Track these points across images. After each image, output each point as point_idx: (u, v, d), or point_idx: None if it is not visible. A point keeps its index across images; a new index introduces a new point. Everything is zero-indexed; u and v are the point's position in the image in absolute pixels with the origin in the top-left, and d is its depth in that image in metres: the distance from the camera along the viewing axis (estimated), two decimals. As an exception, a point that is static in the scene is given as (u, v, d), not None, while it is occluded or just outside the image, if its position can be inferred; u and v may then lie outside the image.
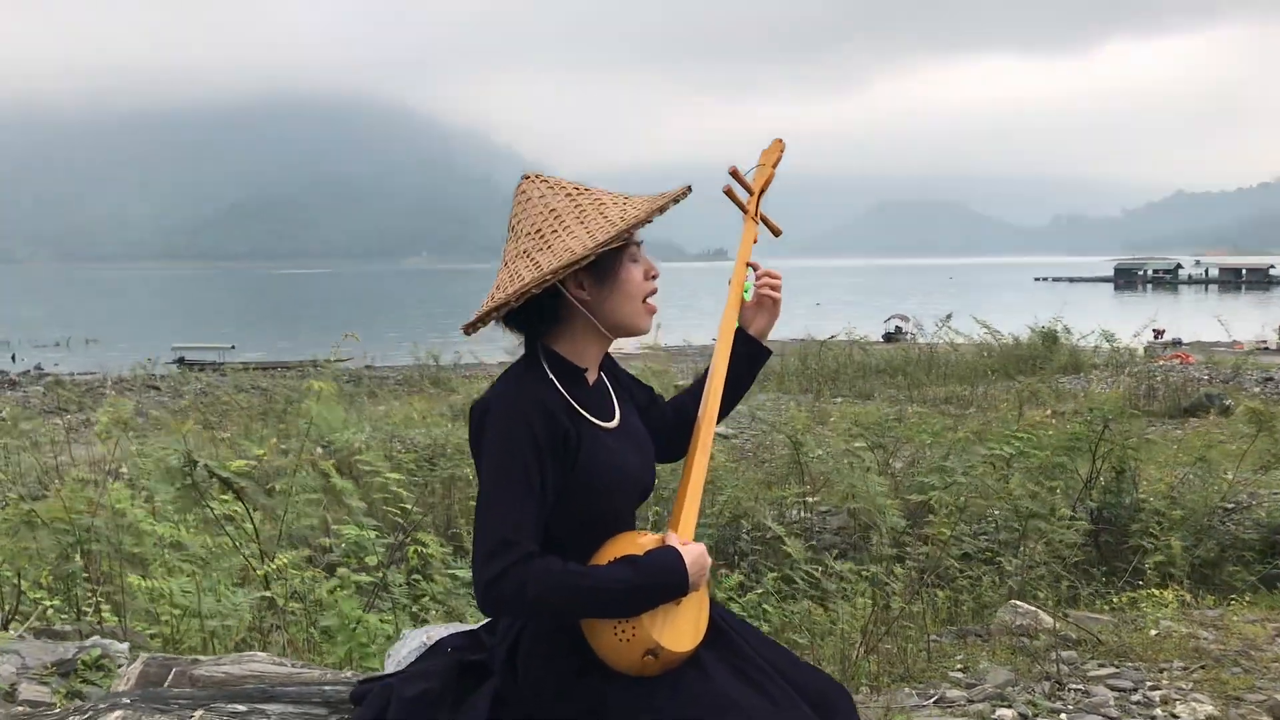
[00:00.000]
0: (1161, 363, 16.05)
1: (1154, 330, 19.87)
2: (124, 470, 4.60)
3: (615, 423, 2.01)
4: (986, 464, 4.97)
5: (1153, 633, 4.12)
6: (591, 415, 1.96)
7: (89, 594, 3.57)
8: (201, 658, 2.38)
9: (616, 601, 1.82)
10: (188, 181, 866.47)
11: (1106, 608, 4.69)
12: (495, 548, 1.80)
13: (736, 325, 2.21)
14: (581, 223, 1.89)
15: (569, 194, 1.95)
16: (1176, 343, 25.97)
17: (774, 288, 2.24)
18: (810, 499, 6.33)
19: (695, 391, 2.20)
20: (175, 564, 3.23)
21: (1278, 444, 6.54)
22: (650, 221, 1.94)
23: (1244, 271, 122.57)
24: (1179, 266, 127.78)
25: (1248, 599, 4.95)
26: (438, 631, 2.14)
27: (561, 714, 1.88)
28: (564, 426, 1.88)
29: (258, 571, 3.27)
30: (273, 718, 1.97)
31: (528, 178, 1.98)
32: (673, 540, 1.91)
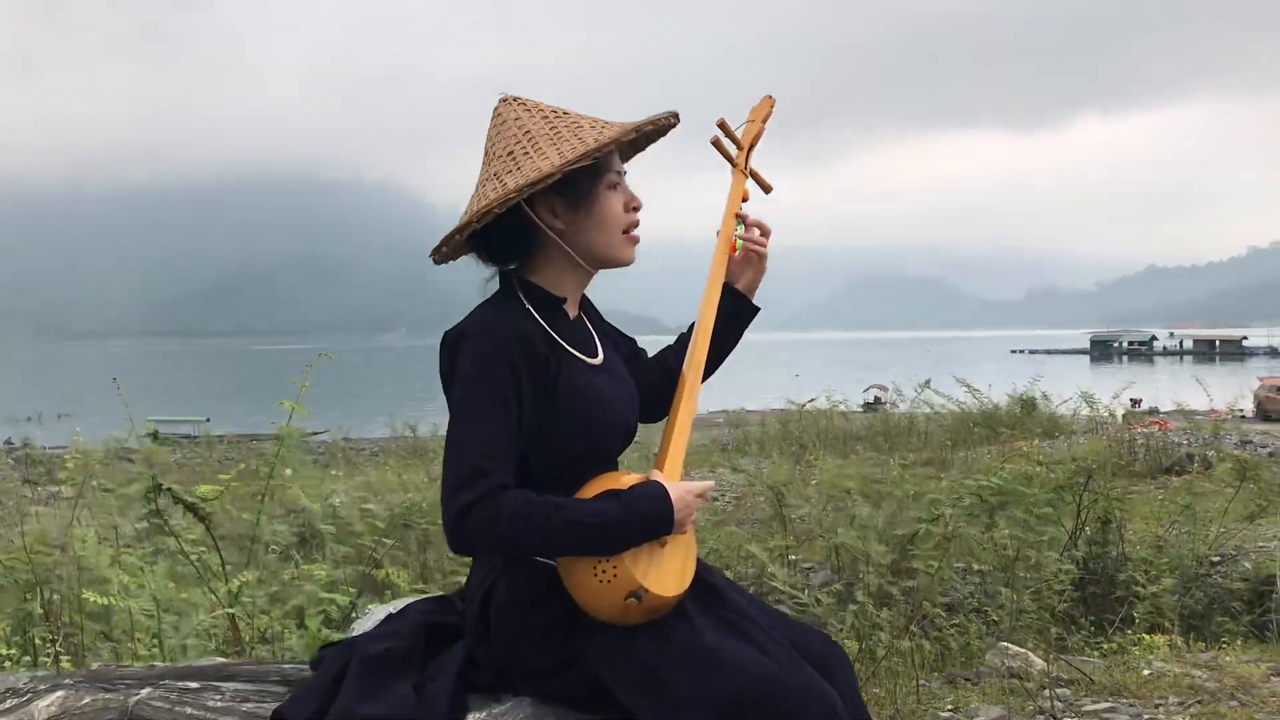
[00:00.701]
0: (1141, 429, 16.09)
1: (1131, 399, 19.95)
2: (87, 517, 4.49)
3: (599, 360, 1.89)
4: (974, 497, 4.89)
5: (1146, 672, 4.03)
6: (573, 349, 1.84)
7: (47, 642, 3.44)
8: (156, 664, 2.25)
9: (597, 536, 1.68)
10: (168, 259, 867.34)
11: (1096, 654, 4.60)
12: (466, 477, 1.66)
13: (724, 280, 2.14)
14: (554, 144, 1.78)
15: (545, 116, 1.84)
16: (1154, 410, 26.13)
17: (762, 241, 2.14)
18: (793, 556, 6.24)
19: (680, 349, 2.11)
20: (136, 598, 3.12)
21: (1262, 493, 6.51)
22: (626, 141, 1.84)
23: (1217, 343, 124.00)
24: (1154, 338, 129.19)
25: (1240, 644, 4.87)
26: (406, 603, 2.02)
27: (539, 666, 1.75)
28: (543, 354, 1.76)
29: (221, 590, 3.15)
30: (227, 694, 1.81)
31: (505, 100, 1.87)
32: (658, 478, 1.80)
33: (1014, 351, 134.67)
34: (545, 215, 1.81)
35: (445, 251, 1.87)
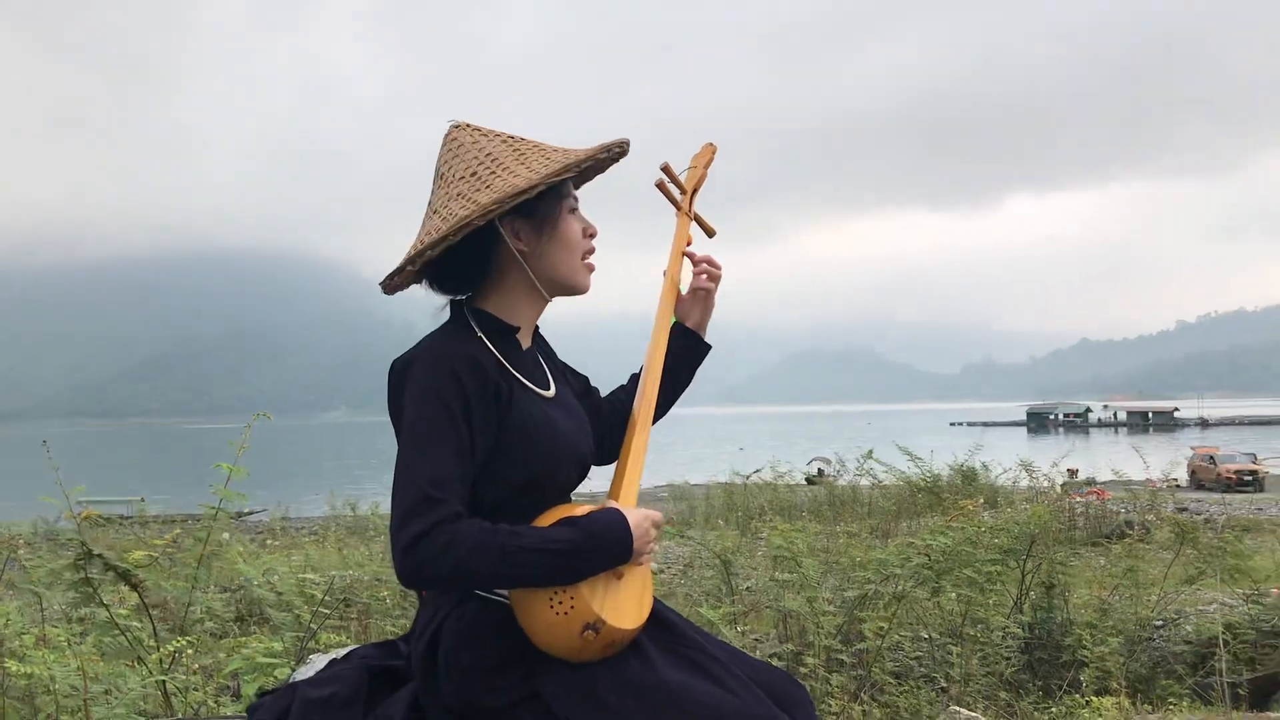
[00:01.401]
0: (1079, 498, 16.29)
1: (1068, 469, 20.23)
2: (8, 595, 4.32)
3: (551, 392, 1.86)
4: (921, 557, 4.89)
5: (1096, 733, 4.02)
6: (525, 379, 1.80)
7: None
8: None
9: (554, 565, 1.63)
10: (102, 337, 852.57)
11: (1045, 717, 4.58)
12: (415, 506, 1.60)
13: (674, 319, 2.13)
14: (523, 163, 1.77)
15: (505, 140, 1.82)
16: (1091, 480, 26.54)
17: (711, 276, 2.14)
18: (742, 627, 6.18)
19: (632, 388, 2.08)
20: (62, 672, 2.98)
21: (1201, 557, 6.58)
22: (593, 163, 1.84)
23: (1150, 414, 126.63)
24: (1089, 410, 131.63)
25: (1185, 705, 4.88)
26: (351, 649, 1.94)
27: (492, 706, 1.67)
28: (494, 381, 1.71)
29: (153, 658, 3.03)
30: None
31: (458, 126, 1.85)
32: (614, 505, 1.75)
33: (953, 424, 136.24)
34: (511, 238, 1.79)
35: (396, 281, 1.83)
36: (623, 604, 1.70)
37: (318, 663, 1.84)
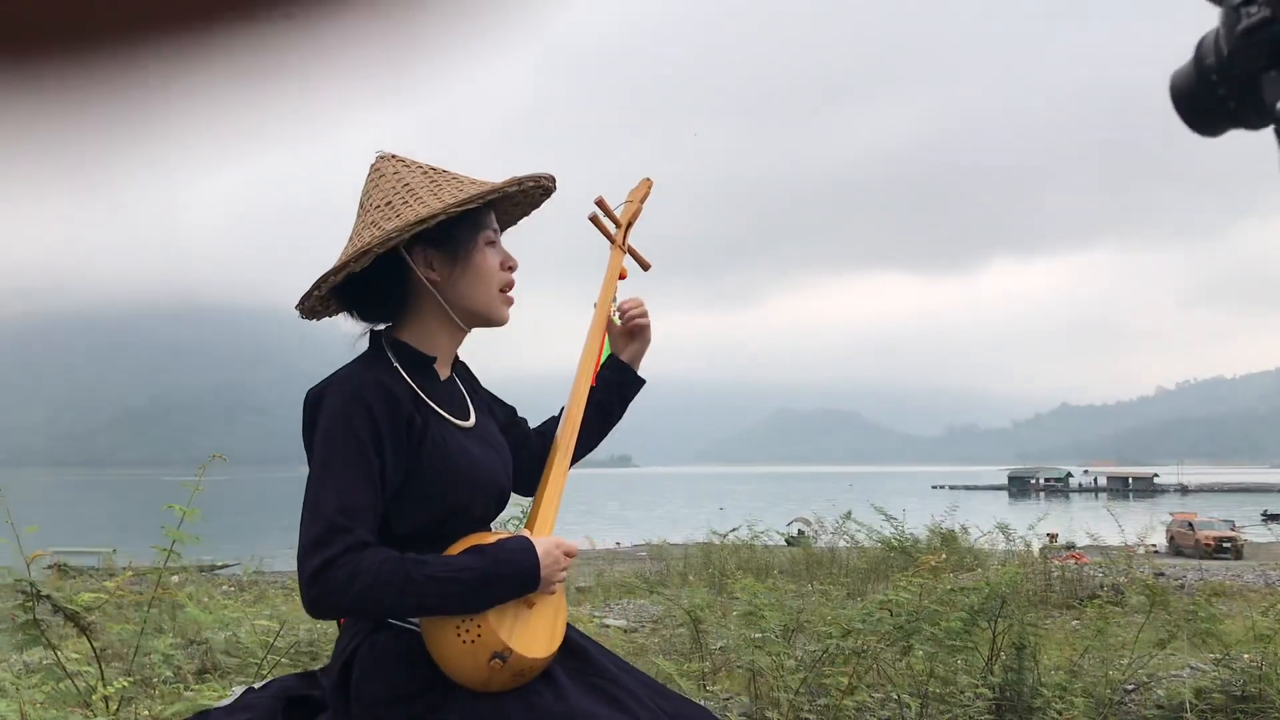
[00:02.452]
0: (1057, 561, 16.28)
1: (1048, 533, 20.25)
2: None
3: (470, 422, 1.85)
4: (884, 611, 4.86)
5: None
6: (441, 409, 1.79)
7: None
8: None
9: (459, 592, 1.61)
10: (82, 387, 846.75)
11: (1015, 783, 4.54)
12: (322, 535, 1.58)
13: (608, 351, 2.14)
14: (434, 194, 1.77)
15: (425, 171, 1.83)
16: (1070, 545, 26.58)
17: (640, 315, 2.15)
18: (712, 686, 6.12)
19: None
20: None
21: (1174, 621, 6.57)
22: (518, 197, 1.85)
23: (1130, 480, 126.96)
24: (1069, 475, 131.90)
25: (1154, 771, 4.85)
26: (270, 680, 1.91)
27: None
28: (407, 410, 1.70)
29: (97, 697, 2.97)
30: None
31: (382, 156, 1.86)
32: (524, 534, 1.74)
33: (935, 487, 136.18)
34: (422, 267, 1.79)
35: (312, 305, 1.84)
36: (533, 633, 1.69)
37: (237, 691, 1.82)
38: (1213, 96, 0.95)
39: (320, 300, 1.83)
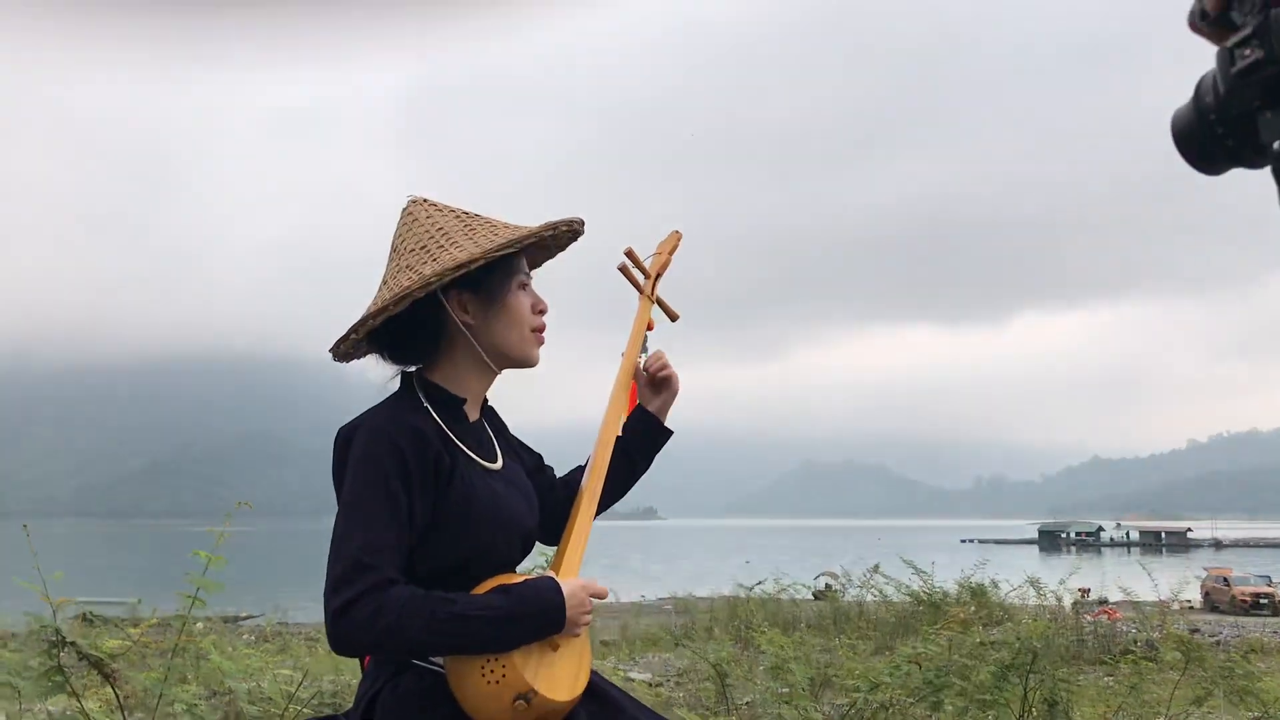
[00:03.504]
0: (1090, 617, 16.03)
1: (1079, 588, 19.96)
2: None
3: (498, 465, 1.85)
4: (911, 665, 4.79)
5: None
6: (470, 451, 1.79)
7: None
8: None
9: (484, 632, 1.60)
10: (108, 438, 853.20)
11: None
12: (347, 572, 1.59)
13: (635, 402, 2.14)
14: (470, 238, 1.79)
15: (459, 216, 1.85)
16: (1103, 600, 26.16)
17: (662, 368, 2.16)
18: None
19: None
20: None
21: (1210, 678, 6.45)
22: (548, 241, 1.87)
23: (1163, 535, 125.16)
24: (1100, 529, 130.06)
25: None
26: None
27: None
28: (436, 450, 1.71)
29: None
30: None
31: (414, 201, 1.88)
32: (550, 575, 1.74)
33: (964, 541, 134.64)
34: (456, 310, 1.81)
35: (346, 349, 1.85)
36: (557, 675, 1.68)
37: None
38: (1211, 136, 0.98)
39: (353, 344, 1.84)
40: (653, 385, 2.17)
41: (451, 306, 1.80)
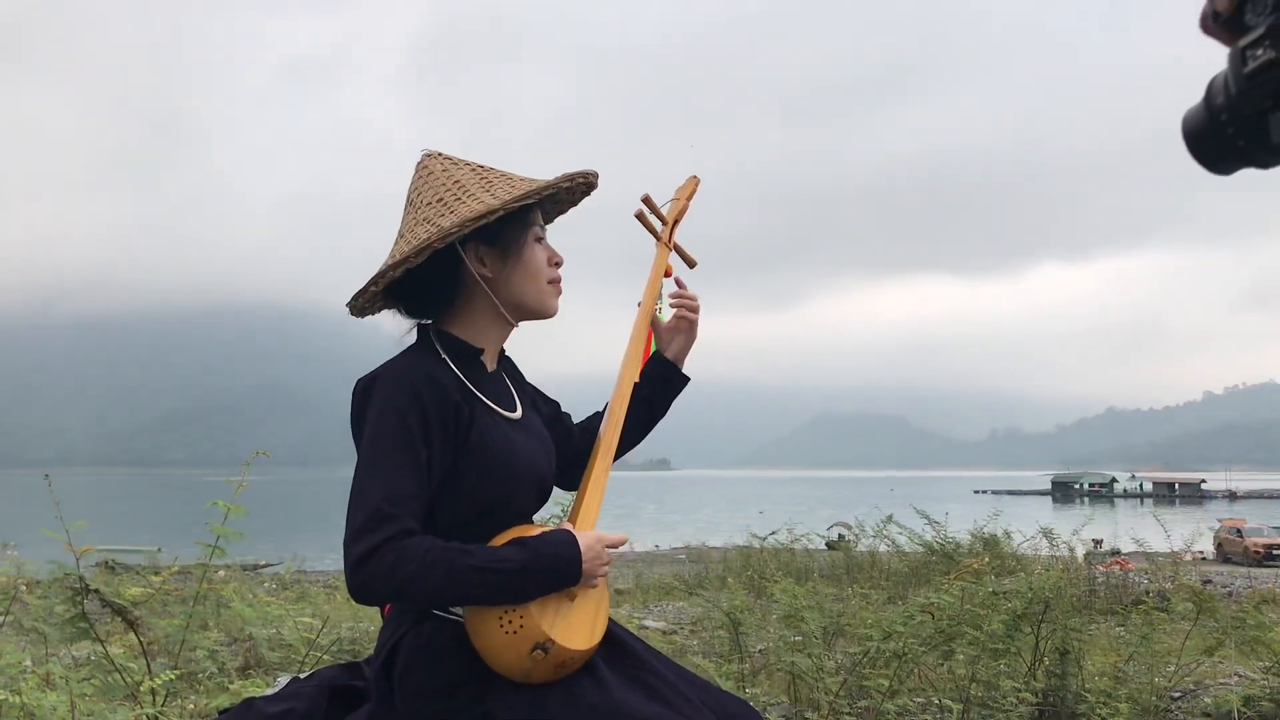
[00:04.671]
0: (1102, 568, 16.07)
1: (1093, 539, 19.98)
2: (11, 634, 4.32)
3: (516, 415, 1.86)
4: (924, 615, 4.82)
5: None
6: (489, 400, 1.81)
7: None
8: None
9: (502, 583, 1.62)
10: (127, 388, 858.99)
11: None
12: (367, 522, 1.60)
13: (651, 349, 2.14)
14: (487, 190, 1.79)
15: (474, 169, 1.85)
16: (1115, 550, 26.24)
17: (691, 309, 2.15)
18: (751, 689, 6.10)
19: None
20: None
21: (1221, 628, 6.47)
22: (561, 194, 1.86)
23: (1177, 486, 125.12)
24: (1114, 480, 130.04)
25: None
26: (315, 671, 1.93)
27: None
28: (455, 401, 1.72)
29: (145, 688, 3.00)
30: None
31: (429, 154, 1.88)
32: (567, 527, 1.76)
33: (977, 492, 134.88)
34: (474, 263, 1.81)
35: (364, 304, 1.85)
36: (574, 625, 1.70)
37: (282, 682, 1.84)
38: (1223, 136, 0.97)
39: (371, 298, 1.84)
40: (672, 330, 2.16)
41: (469, 260, 1.80)
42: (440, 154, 1.88)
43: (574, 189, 1.93)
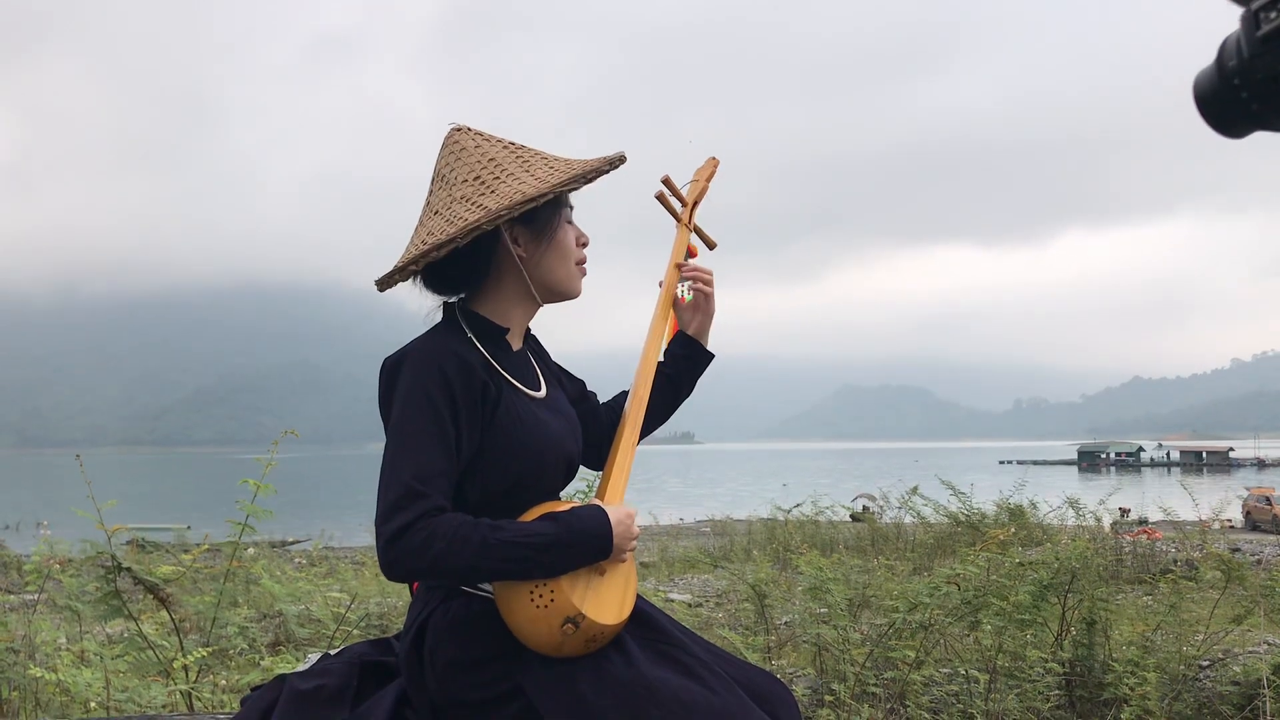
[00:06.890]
0: (1129, 537, 16.00)
1: (1120, 508, 19.89)
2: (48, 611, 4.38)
3: (541, 393, 1.87)
4: (950, 587, 4.82)
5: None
6: (514, 379, 1.82)
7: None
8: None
9: (533, 558, 1.63)
10: (152, 368, 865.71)
11: (1085, 758, 4.49)
12: (399, 500, 1.62)
13: (675, 328, 2.16)
14: (527, 170, 1.79)
15: (507, 146, 1.84)
16: (1143, 520, 26.12)
17: (706, 282, 2.16)
18: (778, 661, 6.13)
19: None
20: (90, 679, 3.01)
21: (1250, 596, 6.44)
22: (590, 179, 1.84)
23: (1204, 454, 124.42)
24: (1141, 449, 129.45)
25: (1229, 747, 4.76)
26: (345, 646, 1.96)
27: (474, 700, 1.67)
28: (481, 380, 1.73)
29: (178, 664, 3.05)
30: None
31: (459, 129, 1.86)
32: (596, 503, 1.77)
33: (1003, 462, 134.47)
34: (511, 244, 1.82)
35: (393, 279, 1.86)
36: (604, 600, 1.71)
37: (313, 658, 1.86)
38: (1235, 99, 0.95)
39: (407, 275, 1.83)
40: (693, 308, 2.17)
41: (508, 240, 1.81)
42: (469, 128, 1.87)
43: (609, 170, 1.93)
